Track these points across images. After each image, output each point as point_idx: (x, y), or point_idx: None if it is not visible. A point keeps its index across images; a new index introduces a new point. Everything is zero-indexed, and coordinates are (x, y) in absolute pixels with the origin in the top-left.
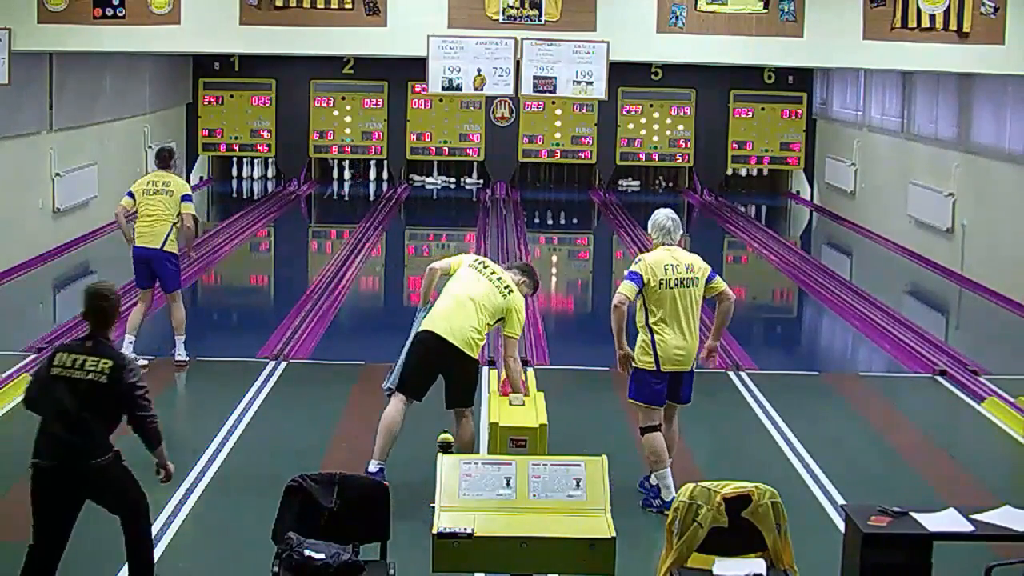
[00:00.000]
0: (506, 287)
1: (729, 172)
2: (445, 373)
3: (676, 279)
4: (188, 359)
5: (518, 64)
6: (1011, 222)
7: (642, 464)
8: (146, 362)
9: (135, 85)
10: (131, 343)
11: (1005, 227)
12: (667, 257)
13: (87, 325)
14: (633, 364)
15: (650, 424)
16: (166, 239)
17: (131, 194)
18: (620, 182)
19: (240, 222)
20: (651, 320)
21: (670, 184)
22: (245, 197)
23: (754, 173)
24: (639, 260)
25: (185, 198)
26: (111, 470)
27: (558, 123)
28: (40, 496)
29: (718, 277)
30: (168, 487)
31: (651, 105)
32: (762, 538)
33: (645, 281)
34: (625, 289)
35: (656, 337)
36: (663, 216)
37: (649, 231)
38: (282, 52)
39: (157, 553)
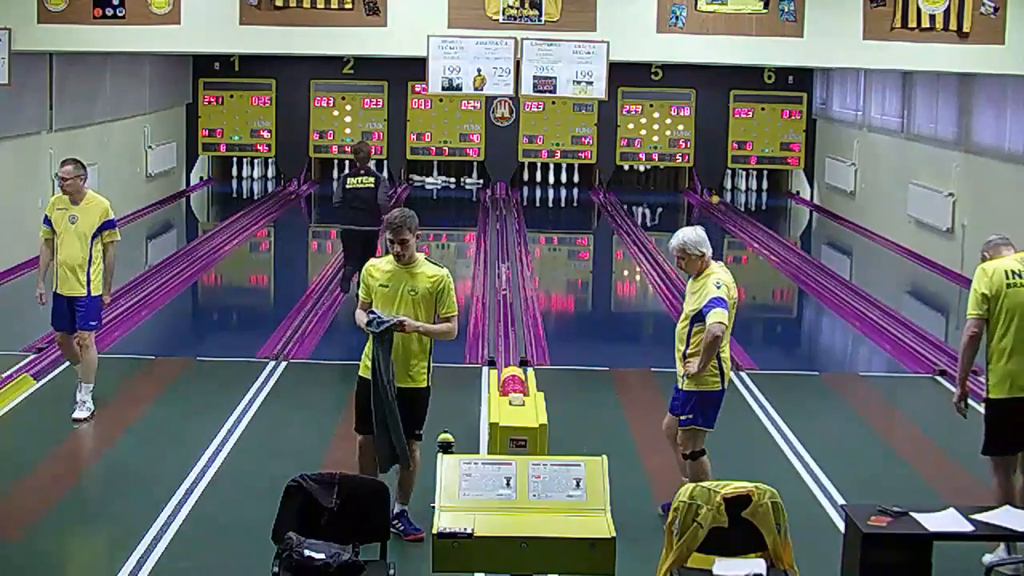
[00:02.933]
0: None
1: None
2: None
3: (735, 297)
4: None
5: (518, 64)
6: (1011, 222)
7: (642, 465)
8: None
9: (135, 85)
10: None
11: (1005, 227)
12: (728, 275)
13: (357, 161)
14: (695, 389)
15: (701, 447)
16: None
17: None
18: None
19: (240, 222)
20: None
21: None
22: (245, 197)
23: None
24: (720, 285)
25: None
26: (377, 237)
27: (558, 123)
28: (349, 246)
29: None
30: (168, 487)
31: (651, 105)
32: (762, 538)
33: (729, 304)
34: (723, 318)
35: (721, 355)
36: (700, 230)
37: (697, 250)
38: (282, 52)
39: (157, 553)
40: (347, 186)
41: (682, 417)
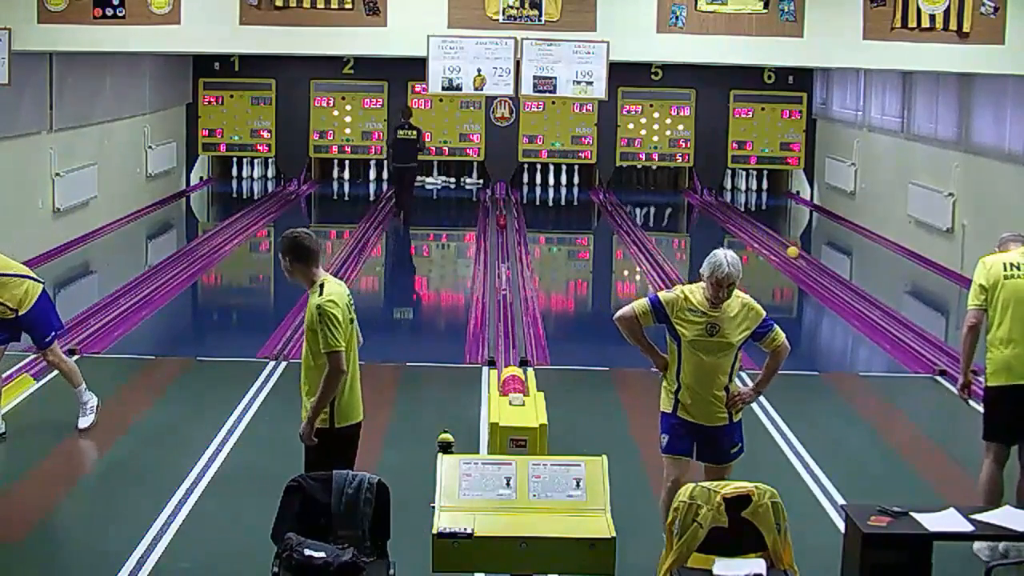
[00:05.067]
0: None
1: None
2: None
3: None
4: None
5: (518, 64)
6: (1011, 222)
7: (642, 465)
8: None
9: (135, 85)
10: None
11: (1005, 227)
12: None
13: (403, 118)
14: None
15: None
16: None
17: None
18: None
19: (240, 222)
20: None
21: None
22: (245, 197)
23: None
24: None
25: None
26: (416, 170)
27: (558, 123)
28: (397, 179)
29: None
30: (168, 487)
31: (651, 105)
32: (762, 538)
33: None
34: None
35: None
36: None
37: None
38: (282, 52)
39: (157, 553)
40: (398, 136)
41: (734, 451)
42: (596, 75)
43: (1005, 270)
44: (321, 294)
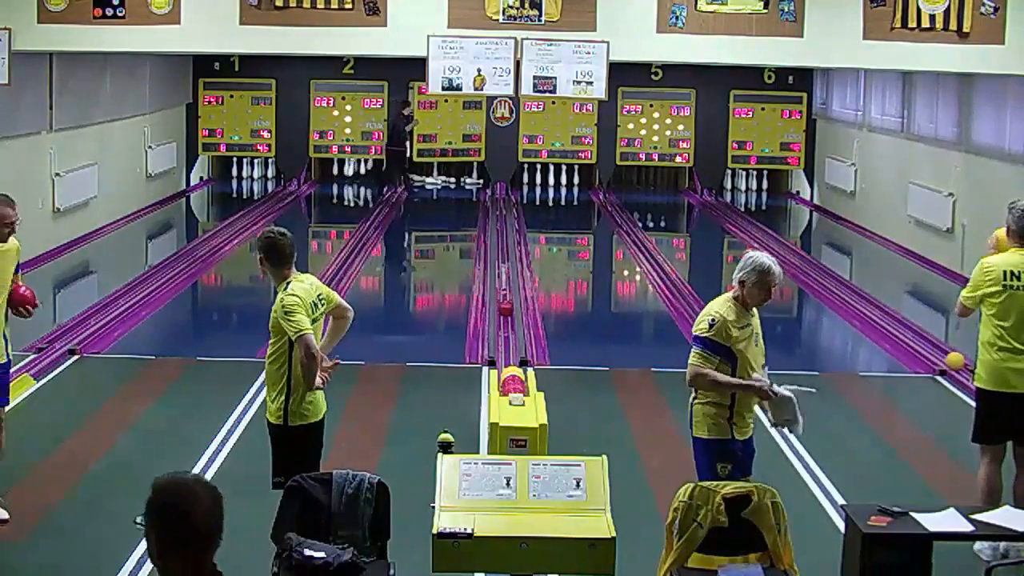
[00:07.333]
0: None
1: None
2: None
3: None
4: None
5: (518, 64)
6: None
7: (642, 465)
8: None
9: (135, 85)
10: None
11: None
12: None
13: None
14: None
15: None
16: None
17: None
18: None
19: (240, 222)
20: None
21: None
22: (245, 197)
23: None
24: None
25: None
26: (404, 153)
27: (558, 123)
28: (394, 157)
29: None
30: None
31: (651, 105)
32: (762, 538)
33: None
34: None
35: None
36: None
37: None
38: (282, 52)
39: None
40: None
41: None
42: (596, 75)
43: (1005, 279)
44: (286, 290)
